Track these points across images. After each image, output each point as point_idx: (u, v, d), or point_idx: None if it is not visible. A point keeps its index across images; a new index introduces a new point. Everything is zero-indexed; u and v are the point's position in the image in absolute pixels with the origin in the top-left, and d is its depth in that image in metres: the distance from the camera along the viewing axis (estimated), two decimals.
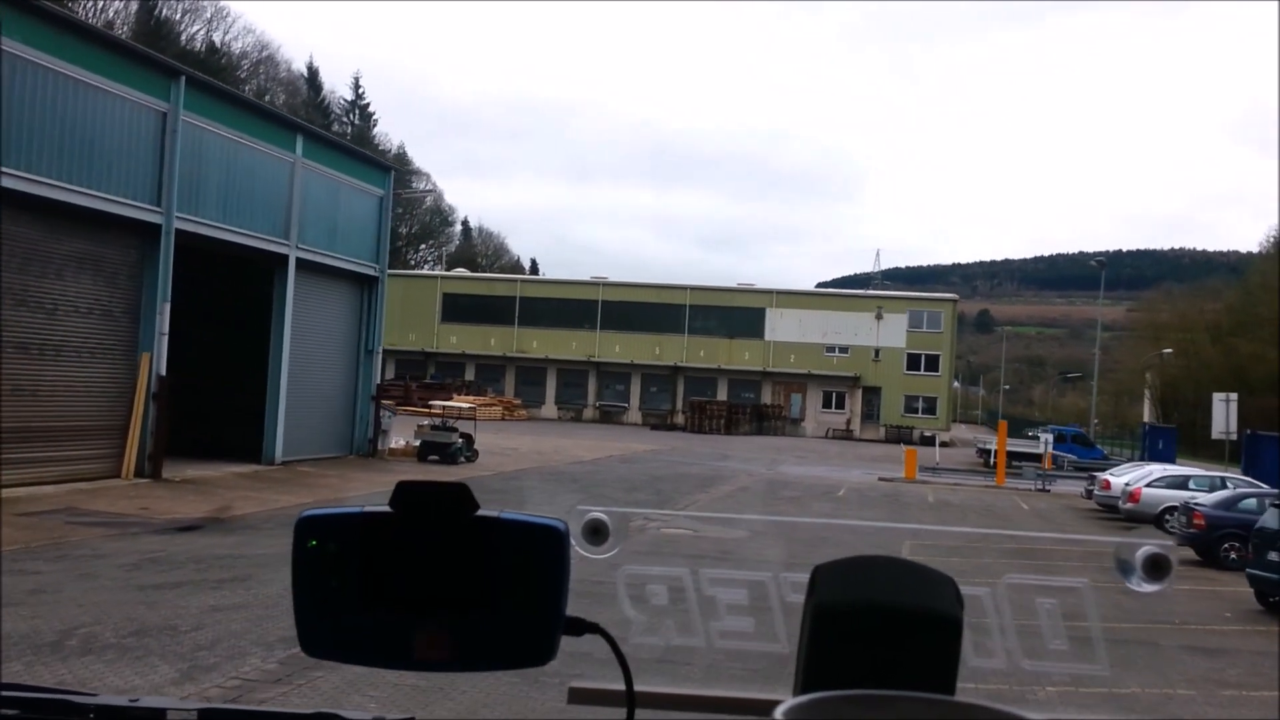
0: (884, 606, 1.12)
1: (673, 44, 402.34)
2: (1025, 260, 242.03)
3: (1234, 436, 31.37)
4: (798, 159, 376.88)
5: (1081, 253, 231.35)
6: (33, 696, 1.24)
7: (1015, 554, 15.52)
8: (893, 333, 70.24)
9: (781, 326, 70.34)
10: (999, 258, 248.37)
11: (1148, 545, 1.30)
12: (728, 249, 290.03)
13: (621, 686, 1.24)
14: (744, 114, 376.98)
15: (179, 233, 20.69)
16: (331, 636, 1.17)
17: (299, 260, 24.71)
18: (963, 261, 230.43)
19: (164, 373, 20.21)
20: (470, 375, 72.33)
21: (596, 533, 1.37)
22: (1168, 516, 23.10)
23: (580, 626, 1.19)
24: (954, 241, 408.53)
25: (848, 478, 33.91)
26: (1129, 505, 23.93)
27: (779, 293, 72.49)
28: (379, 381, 28.06)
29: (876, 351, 69.82)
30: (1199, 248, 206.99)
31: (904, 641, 1.10)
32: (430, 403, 29.63)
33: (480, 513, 1.16)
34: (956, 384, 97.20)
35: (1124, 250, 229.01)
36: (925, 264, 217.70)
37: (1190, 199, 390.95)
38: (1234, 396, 31.61)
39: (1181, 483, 24.25)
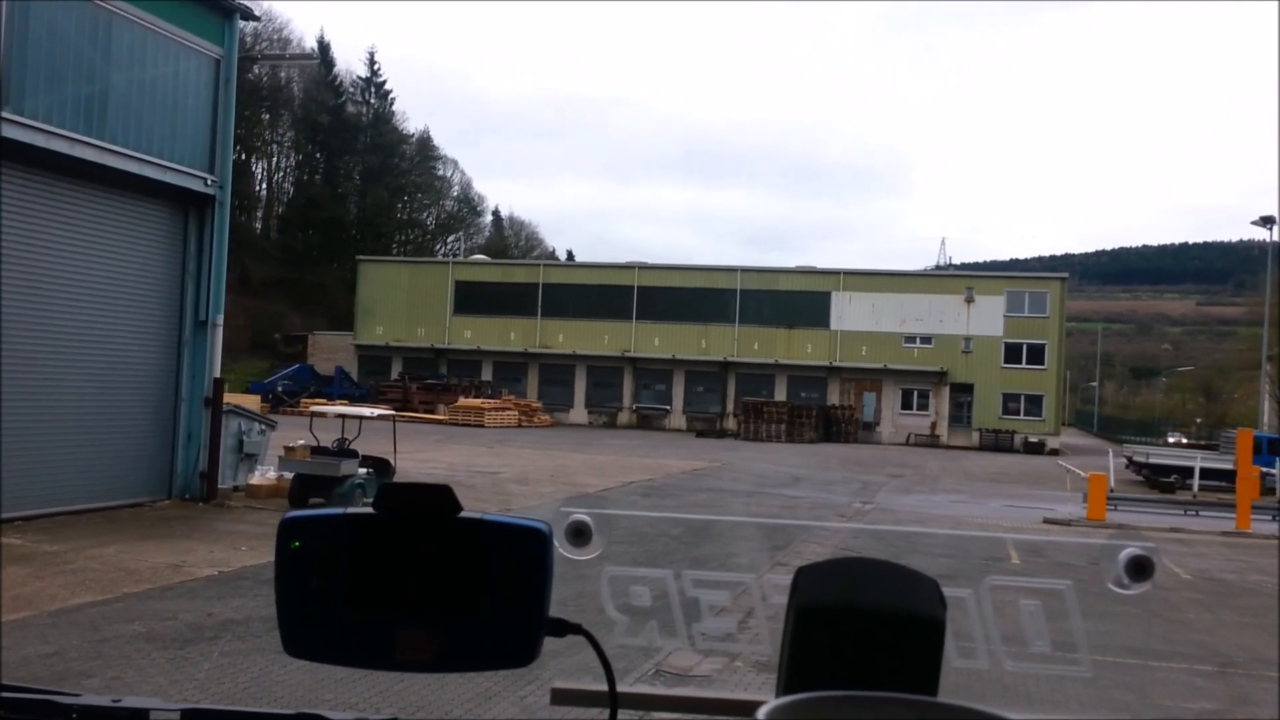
0: (866, 608, 1.12)
1: (709, 38, 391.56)
2: (1086, 255, 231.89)
3: None
4: (843, 153, 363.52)
5: (1146, 246, 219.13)
6: (16, 696, 1.22)
7: None
8: (987, 319, 58.63)
9: (850, 313, 59.51)
10: (1059, 252, 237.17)
11: (1131, 547, 1.28)
12: (775, 246, 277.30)
13: (604, 687, 1.24)
14: (786, 107, 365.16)
15: None
16: (314, 637, 1.15)
17: (19, 146, 13.26)
18: (1021, 257, 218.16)
19: None
20: (487, 374, 62.82)
21: (579, 534, 1.36)
22: None
23: (563, 627, 1.19)
24: (1012, 237, 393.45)
25: (988, 516, 22.38)
26: None
27: (847, 273, 60.97)
28: (218, 374, 16.48)
29: (967, 341, 58.54)
30: (1270, 239, 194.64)
31: (886, 642, 1.10)
32: (312, 408, 18.17)
33: (463, 514, 1.15)
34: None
35: (1190, 243, 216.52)
36: (983, 259, 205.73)
37: (1250, 188, 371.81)
38: None
39: None
